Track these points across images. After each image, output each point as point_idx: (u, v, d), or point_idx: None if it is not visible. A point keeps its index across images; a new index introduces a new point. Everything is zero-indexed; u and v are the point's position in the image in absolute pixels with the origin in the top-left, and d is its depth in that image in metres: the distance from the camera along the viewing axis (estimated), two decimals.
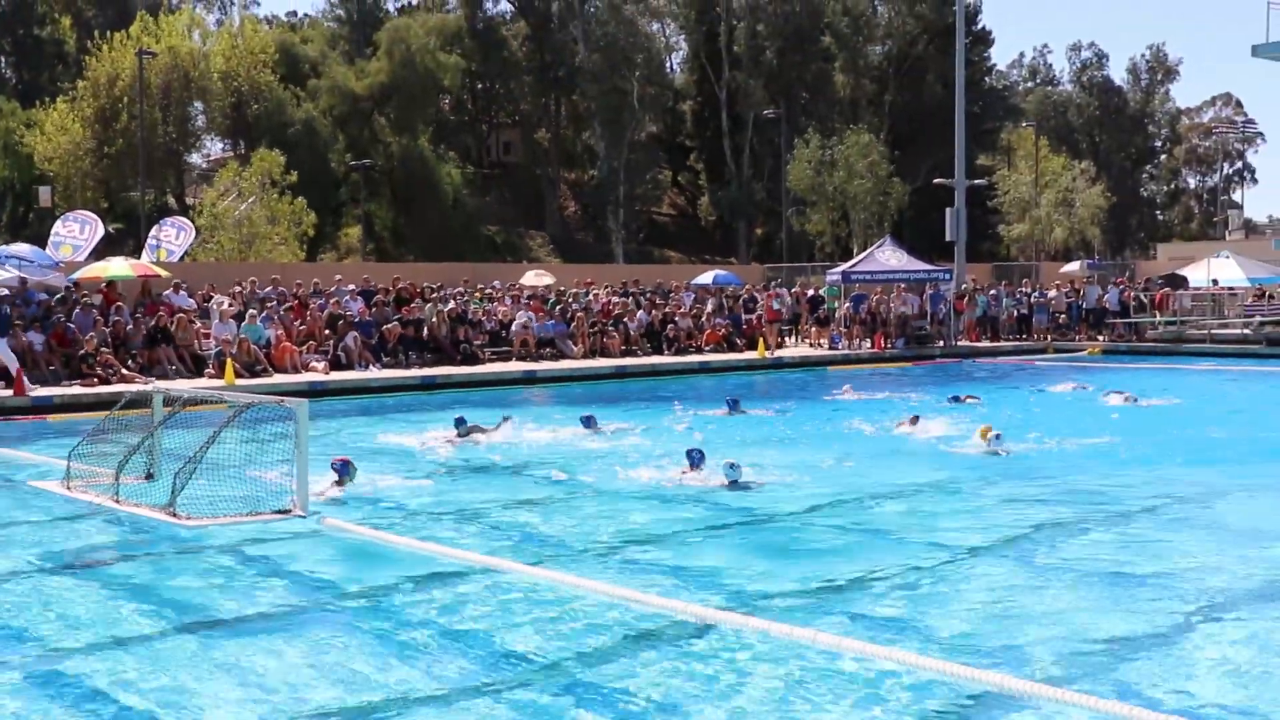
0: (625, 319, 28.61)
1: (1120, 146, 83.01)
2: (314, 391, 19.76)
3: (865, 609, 7.34)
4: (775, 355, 28.48)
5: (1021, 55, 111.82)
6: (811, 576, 8.11)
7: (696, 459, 11.80)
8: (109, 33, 52.63)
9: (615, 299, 30.03)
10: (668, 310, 29.97)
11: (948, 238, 36.50)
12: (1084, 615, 7.10)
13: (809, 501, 10.80)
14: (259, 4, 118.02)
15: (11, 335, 20.14)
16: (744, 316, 30.92)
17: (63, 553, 9.25)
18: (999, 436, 13.52)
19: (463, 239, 58.02)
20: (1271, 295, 35.59)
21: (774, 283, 36.63)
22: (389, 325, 24.94)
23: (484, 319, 27.20)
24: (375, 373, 23.27)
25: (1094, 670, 6.15)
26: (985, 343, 32.71)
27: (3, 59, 63.93)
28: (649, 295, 31.50)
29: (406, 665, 6.35)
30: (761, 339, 28.63)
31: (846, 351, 29.77)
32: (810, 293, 33.83)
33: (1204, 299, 35.01)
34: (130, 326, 22.45)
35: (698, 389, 22.69)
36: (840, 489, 11.57)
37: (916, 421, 15.16)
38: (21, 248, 25.64)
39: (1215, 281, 33.99)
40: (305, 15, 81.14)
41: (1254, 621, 7.05)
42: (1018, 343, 33.05)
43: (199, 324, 23.61)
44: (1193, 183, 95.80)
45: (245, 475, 10.48)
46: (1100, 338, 33.04)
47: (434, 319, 25.64)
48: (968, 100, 39.87)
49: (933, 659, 6.10)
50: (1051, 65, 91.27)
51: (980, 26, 69.73)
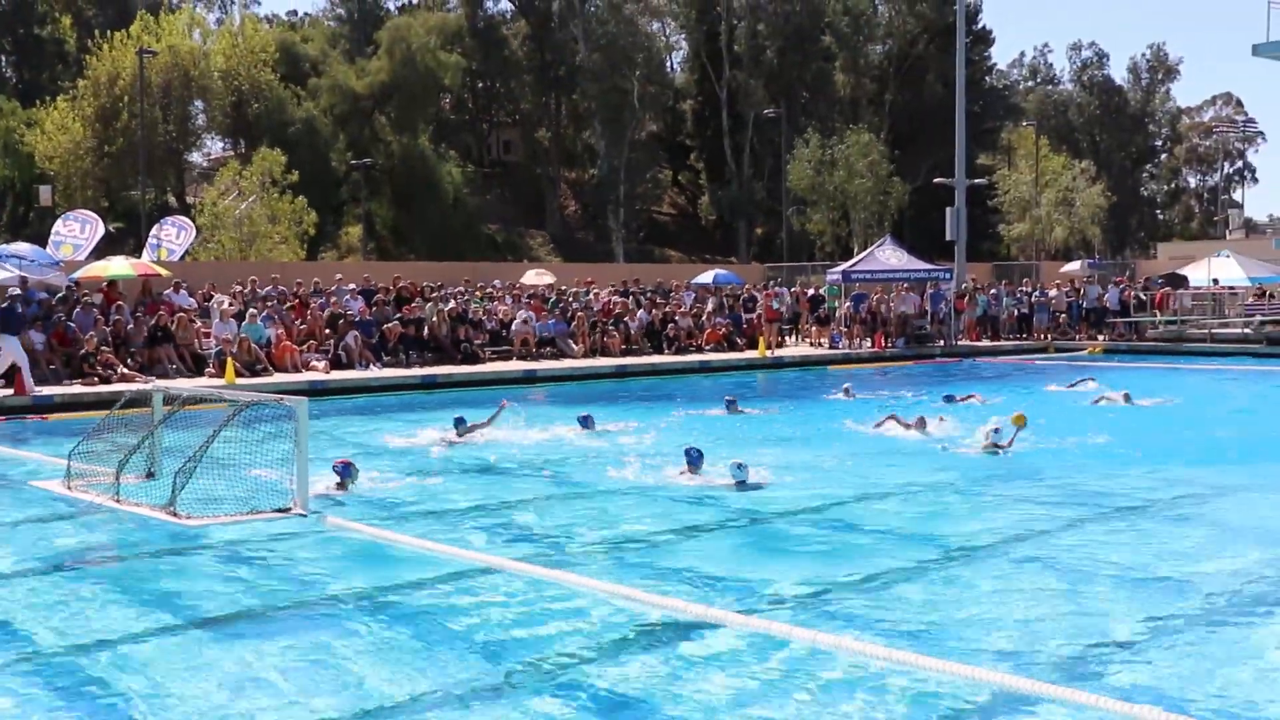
0: (626, 318, 28.62)
1: (1121, 146, 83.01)
2: (314, 391, 19.78)
3: (865, 609, 7.34)
4: (775, 355, 28.48)
5: (1022, 54, 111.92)
6: (812, 576, 8.11)
7: (695, 458, 11.80)
8: (109, 32, 52.66)
9: (616, 298, 30.03)
10: (668, 309, 29.97)
11: (948, 237, 36.53)
12: (1085, 615, 7.10)
13: (808, 501, 10.81)
14: (259, 3, 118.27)
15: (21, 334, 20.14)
16: (744, 316, 30.92)
17: (63, 552, 9.26)
18: (998, 430, 13.46)
19: (463, 238, 58.05)
20: (1272, 294, 35.58)
21: (773, 282, 36.61)
22: (389, 324, 24.96)
23: (484, 318, 27.22)
24: (376, 372, 23.28)
25: (1095, 670, 6.15)
26: (985, 342, 32.70)
27: (3, 58, 63.91)
28: (649, 294, 31.51)
29: (407, 664, 6.36)
30: (762, 338, 28.64)
31: (847, 351, 29.77)
32: (810, 292, 33.85)
33: (1204, 298, 35.00)
34: (131, 326, 22.46)
35: (696, 388, 22.69)
36: (839, 488, 11.57)
37: (924, 424, 14.99)
38: (22, 247, 25.63)
39: (1216, 281, 33.99)
40: (306, 14, 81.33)
41: (1257, 621, 7.05)
42: (1018, 342, 33.02)
43: (199, 323, 23.63)
44: (1193, 182, 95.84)
45: (245, 474, 10.49)
46: (1100, 337, 33.04)
47: (434, 318, 25.65)
48: (968, 99, 39.87)
49: (933, 659, 6.10)
50: (1052, 64, 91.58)
51: (981, 26, 69.78)
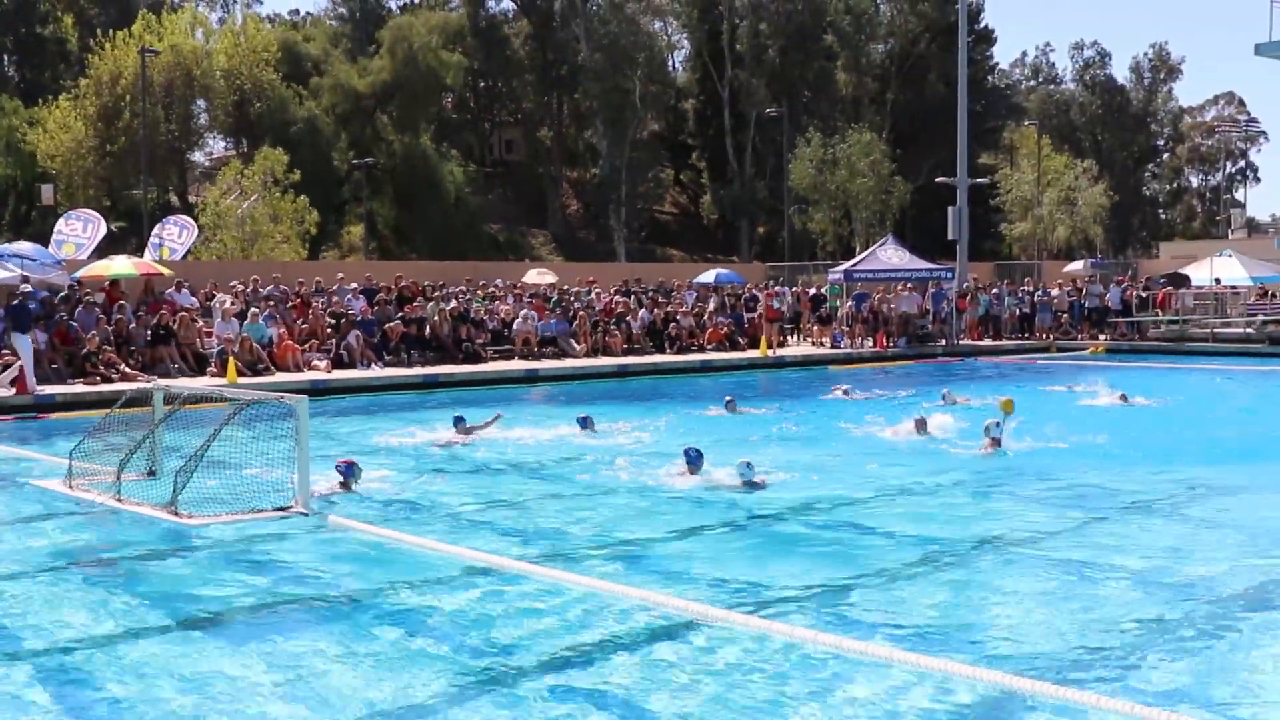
0: (627, 317, 28.61)
1: (1123, 145, 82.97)
2: (316, 390, 19.79)
3: (865, 608, 7.34)
4: (777, 354, 28.47)
5: (1024, 54, 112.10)
6: (812, 576, 8.11)
7: (694, 458, 11.80)
8: (111, 31, 52.65)
9: (617, 297, 30.02)
10: (670, 309, 29.96)
11: (950, 236, 36.50)
12: (1086, 615, 7.09)
13: (808, 500, 10.80)
14: (261, 2, 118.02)
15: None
16: (746, 315, 30.91)
17: (64, 551, 9.27)
18: (999, 424, 13.44)
19: (465, 237, 58.06)
20: (1274, 294, 35.53)
21: (772, 282, 36.58)
22: (391, 324, 24.96)
23: (486, 317, 27.22)
24: (377, 371, 23.29)
25: (1096, 670, 6.15)
26: (987, 342, 32.65)
27: (5, 57, 63.95)
28: (651, 294, 31.50)
29: (408, 663, 6.36)
30: (764, 338, 28.63)
31: (848, 350, 29.76)
32: (812, 291, 33.83)
33: (1206, 298, 34.94)
34: (133, 325, 22.48)
35: (697, 388, 22.68)
36: (838, 488, 11.56)
37: (925, 426, 14.94)
38: (24, 246, 25.62)
39: (1218, 280, 33.95)
40: (308, 14, 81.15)
41: (1258, 621, 7.05)
42: (1020, 342, 32.99)
43: (201, 322, 23.63)
44: (1195, 181, 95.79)
45: (246, 473, 10.50)
46: (1102, 337, 33.00)
47: (436, 317, 25.65)
48: (970, 99, 39.84)
49: (934, 658, 6.10)
50: (1054, 64, 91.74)
51: (983, 25, 69.76)
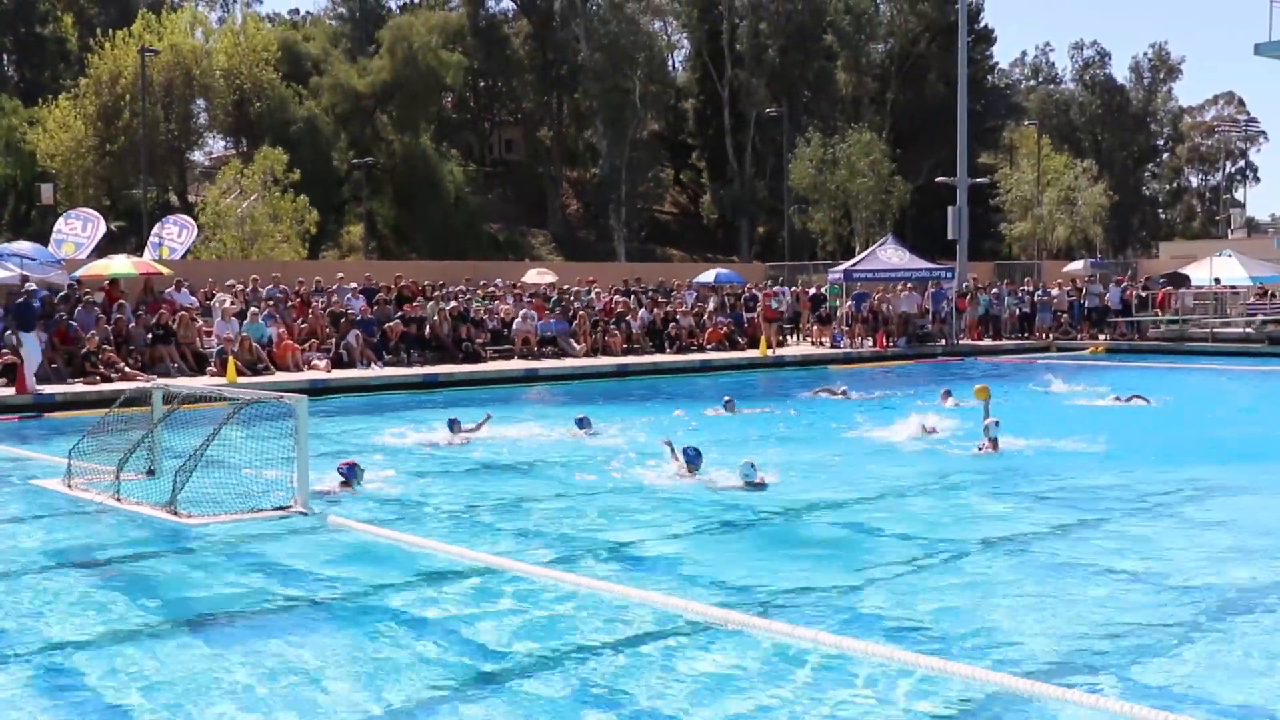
0: (627, 317, 28.60)
1: (1122, 145, 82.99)
2: (315, 389, 19.79)
3: (865, 609, 7.33)
4: (777, 354, 28.47)
5: (1024, 54, 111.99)
6: (812, 576, 8.10)
7: (693, 457, 11.79)
8: (111, 30, 52.64)
9: (617, 297, 30.02)
10: (669, 309, 29.96)
11: (950, 236, 36.50)
12: (1087, 614, 7.09)
13: (807, 500, 10.79)
14: (261, 2, 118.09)
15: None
16: (746, 315, 30.90)
17: (64, 551, 9.25)
18: (998, 424, 13.43)
19: (465, 237, 58.04)
20: (1273, 294, 35.56)
21: (771, 282, 36.57)
22: (391, 323, 24.96)
23: (486, 317, 27.21)
24: (377, 371, 23.28)
25: (1097, 670, 6.15)
26: (987, 341, 32.66)
27: (5, 57, 63.94)
28: (651, 293, 31.50)
29: (407, 663, 6.36)
30: (763, 338, 28.62)
31: (848, 350, 29.76)
32: (812, 291, 33.83)
33: (1206, 297, 34.95)
34: (132, 324, 22.47)
35: (696, 388, 22.67)
36: (836, 488, 11.56)
37: (925, 426, 14.90)
38: (24, 245, 25.63)
39: (1217, 280, 33.96)
40: (308, 13, 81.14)
41: (1260, 621, 7.04)
42: (1020, 341, 33.00)
43: (201, 322, 23.63)
44: (1195, 181, 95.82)
45: (246, 472, 10.49)
46: (1102, 336, 33.00)
47: (436, 317, 25.65)
48: (970, 98, 39.83)
49: (935, 658, 6.10)
50: (1054, 64, 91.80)
51: (982, 25, 69.75)
